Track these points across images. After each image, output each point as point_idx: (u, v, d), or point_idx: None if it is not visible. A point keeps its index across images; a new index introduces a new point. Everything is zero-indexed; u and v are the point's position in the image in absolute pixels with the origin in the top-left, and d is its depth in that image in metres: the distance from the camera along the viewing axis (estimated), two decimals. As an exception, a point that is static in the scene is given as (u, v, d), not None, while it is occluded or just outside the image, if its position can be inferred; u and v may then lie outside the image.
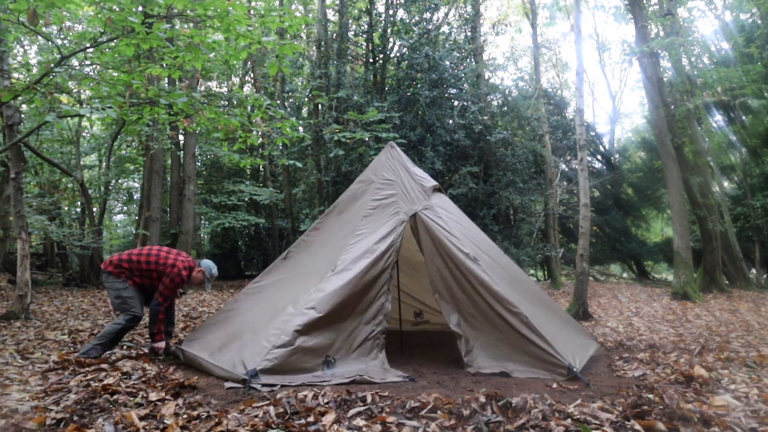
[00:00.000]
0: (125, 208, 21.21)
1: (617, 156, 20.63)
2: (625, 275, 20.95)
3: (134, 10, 5.05)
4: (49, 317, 6.68)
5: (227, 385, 3.58)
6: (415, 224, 4.45)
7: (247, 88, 18.27)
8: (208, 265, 4.65)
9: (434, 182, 4.90)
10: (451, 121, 12.22)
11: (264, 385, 3.48)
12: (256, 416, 2.84)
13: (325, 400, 3.12)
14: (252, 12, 12.26)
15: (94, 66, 7.47)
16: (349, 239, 4.35)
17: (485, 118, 12.49)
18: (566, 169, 17.36)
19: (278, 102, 13.94)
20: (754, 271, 14.86)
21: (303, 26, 12.82)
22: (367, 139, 11.09)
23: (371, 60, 13.30)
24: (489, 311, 4.13)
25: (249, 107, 7.81)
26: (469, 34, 14.54)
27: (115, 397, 3.16)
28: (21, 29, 6.16)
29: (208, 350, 4.09)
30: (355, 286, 4.01)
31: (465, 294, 4.22)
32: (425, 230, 4.39)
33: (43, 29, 6.20)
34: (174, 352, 4.44)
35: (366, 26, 12.98)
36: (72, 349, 4.75)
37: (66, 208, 14.39)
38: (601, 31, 42.54)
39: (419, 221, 4.41)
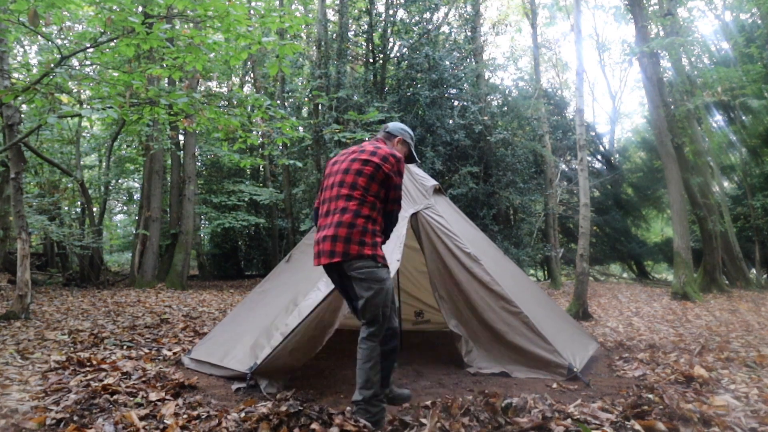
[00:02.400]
0: (125, 208, 21.25)
1: (617, 156, 20.62)
2: (625, 275, 20.93)
3: (134, 10, 5.05)
4: (49, 317, 6.68)
5: (234, 386, 3.59)
6: (416, 224, 4.44)
7: (247, 88, 18.28)
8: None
9: (434, 182, 4.90)
10: (451, 121, 12.22)
11: (269, 393, 3.48)
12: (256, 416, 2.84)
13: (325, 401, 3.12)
14: (252, 12, 12.26)
15: (94, 66, 7.47)
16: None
17: (485, 118, 12.49)
18: (566, 169, 17.35)
19: (278, 102, 13.95)
20: (754, 271, 14.85)
21: (303, 26, 12.82)
22: (367, 139, 11.09)
23: (371, 60, 13.30)
24: (489, 311, 4.13)
25: (249, 107, 7.82)
26: (469, 34, 14.54)
27: (115, 397, 3.16)
28: (21, 29, 6.16)
29: (216, 355, 4.09)
30: None
31: (465, 294, 4.22)
32: (426, 230, 4.39)
33: (44, 29, 6.20)
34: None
35: (366, 26, 12.98)
36: (73, 348, 4.75)
37: (66, 208, 14.39)
38: (601, 31, 42.55)
39: (420, 221, 4.41)
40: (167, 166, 15.06)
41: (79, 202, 14.45)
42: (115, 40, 5.63)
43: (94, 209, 13.03)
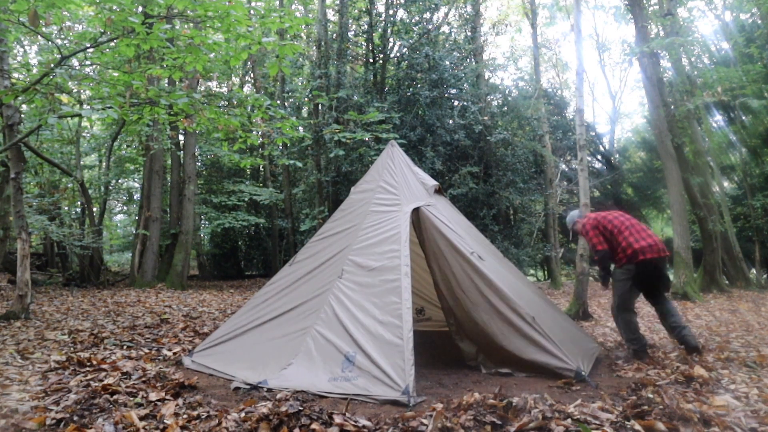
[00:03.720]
0: (125, 208, 21.24)
1: (617, 156, 20.62)
2: (625, 275, 20.89)
3: (134, 10, 5.05)
4: (49, 317, 6.68)
5: (233, 385, 3.59)
6: (418, 220, 4.43)
7: (247, 88, 18.28)
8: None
9: (435, 182, 4.88)
10: (451, 121, 12.23)
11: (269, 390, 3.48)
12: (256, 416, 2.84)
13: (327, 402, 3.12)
14: (252, 13, 12.27)
15: (94, 66, 7.47)
16: (353, 243, 4.32)
17: (485, 118, 12.49)
18: (566, 169, 17.36)
19: (278, 102, 13.95)
20: (754, 271, 14.85)
21: (303, 26, 12.83)
22: (367, 139, 11.09)
23: (371, 60, 13.30)
24: (494, 311, 4.08)
25: (249, 107, 7.82)
26: (469, 34, 14.55)
27: (115, 397, 3.16)
28: (21, 29, 6.16)
29: (222, 362, 4.07)
30: (373, 292, 3.90)
31: (469, 293, 4.19)
32: (427, 227, 4.37)
33: (44, 29, 6.20)
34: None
35: (366, 26, 12.99)
36: (73, 348, 4.75)
37: (66, 208, 14.39)
38: (601, 31, 42.61)
39: (422, 217, 4.39)
40: (167, 166, 15.06)
41: (79, 202, 14.45)
42: (115, 40, 5.63)
43: (94, 209, 13.03)
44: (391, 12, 13.06)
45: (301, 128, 12.87)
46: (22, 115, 8.34)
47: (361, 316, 3.76)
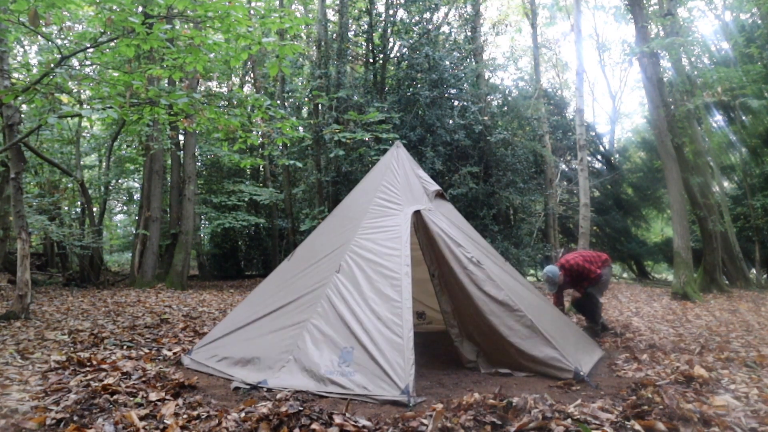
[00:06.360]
0: (125, 208, 21.24)
1: (617, 156, 20.60)
2: (625, 275, 20.92)
3: (134, 10, 5.05)
4: (49, 317, 6.68)
5: (233, 385, 3.59)
6: (417, 223, 4.43)
7: (247, 88, 18.28)
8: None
9: (437, 186, 4.87)
10: (451, 122, 12.22)
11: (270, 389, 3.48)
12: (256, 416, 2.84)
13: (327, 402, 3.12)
14: (252, 13, 12.26)
15: (94, 66, 7.47)
16: (352, 240, 4.32)
17: (485, 118, 12.49)
18: (566, 169, 17.36)
19: (278, 102, 13.95)
20: (754, 271, 14.84)
21: (303, 26, 12.83)
22: (367, 139, 11.10)
23: (371, 60, 13.31)
24: (493, 315, 4.08)
25: (249, 107, 7.82)
26: (469, 34, 14.55)
27: (115, 397, 3.16)
28: (21, 29, 6.16)
29: (221, 361, 4.06)
30: (371, 293, 3.88)
31: (466, 297, 4.19)
32: (426, 231, 4.37)
33: (44, 29, 6.20)
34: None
35: (366, 26, 12.99)
36: (73, 348, 4.75)
37: (66, 208, 14.40)
38: (601, 31, 42.54)
39: (422, 221, 4.39)
40: (167, 166, 15.05)
41: (79, 202, 14.45)
42: (115, 41, 5.63)
43: (94, 209, 13.03)
44: (391, 12, 13.06)
45: (301, 128, 12.87)
46: (22, 115, 8.34)
47: (358, 311, 3.75)
